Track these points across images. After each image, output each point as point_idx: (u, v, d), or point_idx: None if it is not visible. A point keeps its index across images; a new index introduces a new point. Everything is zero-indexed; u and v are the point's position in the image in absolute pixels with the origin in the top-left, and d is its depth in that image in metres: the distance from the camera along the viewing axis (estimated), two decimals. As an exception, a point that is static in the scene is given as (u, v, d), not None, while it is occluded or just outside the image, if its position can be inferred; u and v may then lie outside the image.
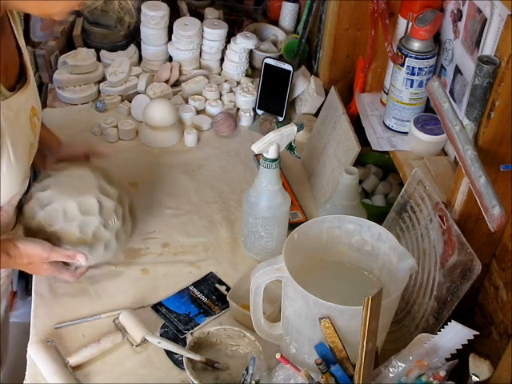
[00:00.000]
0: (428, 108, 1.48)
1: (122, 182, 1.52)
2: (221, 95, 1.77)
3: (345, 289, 1.11)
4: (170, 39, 1.82)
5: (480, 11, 1.24)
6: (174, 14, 1.85)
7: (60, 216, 1.18)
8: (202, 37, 1.81)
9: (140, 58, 1.87)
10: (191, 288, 1.29)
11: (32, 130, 1.16)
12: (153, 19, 1.77)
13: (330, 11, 1.65)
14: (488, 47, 1.22)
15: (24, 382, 1.13)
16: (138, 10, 1.80)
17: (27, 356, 1.15)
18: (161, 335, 1.20)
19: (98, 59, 1.80)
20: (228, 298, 1.23)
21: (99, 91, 1.77)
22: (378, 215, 1.33)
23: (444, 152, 1.43)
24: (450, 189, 1.18)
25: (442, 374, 0.93)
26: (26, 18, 2.03)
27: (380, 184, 1.53)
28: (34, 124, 1.17)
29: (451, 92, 1.38)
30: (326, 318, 0.96)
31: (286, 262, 1.01)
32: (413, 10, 1.41)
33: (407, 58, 1.40)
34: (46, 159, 1.29)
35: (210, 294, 1.28)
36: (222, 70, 1.86)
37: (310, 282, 1.01)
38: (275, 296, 1.19)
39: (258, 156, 1.54)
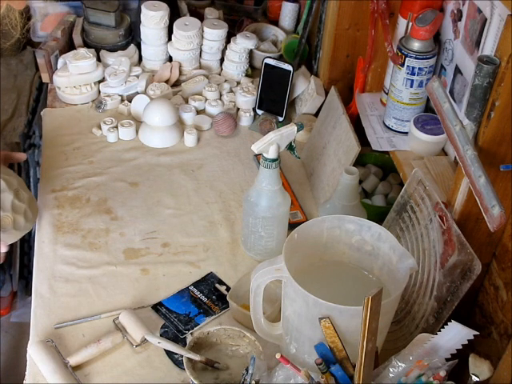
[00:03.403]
0: (428, 108, 1.48)
1: (122, 182, 1.53)
2: (221, 95, 1.77)
3: (345, 289, 1.11)
4: (170, 39, 1.82)
5: (480, 11, 1.24)
6: (174, 14, 1.85)
7: None
8: (202, 37, 1.81)
9: (140, 57, 1.87)
10: (191, 288, 1.29)
11: None
12: (153, 19, 1.77)
13: (330, 11, 1.65)
14: (488, 47, 1.22)
15: (24, 381, 1.13)
16: (138, 10, 1.81)
17: (27, 356, 1.15)
18: (161, 335, 1.20)
19: (98, 59, 1.80)
20: (228, 298, 1.23)
21: (99, 91, 1.77)
22: (377, 215, 1.33)
23: (444, 152, 1.43)
24: (450, 189, 1.18)
25: (442, 373, 0.93)
26: (27, 17, 2.03)
27: (380, 184, 1.53)
28: None
29: (451, 92, 1.38)
30: (326, 317, 0.96)
31: (286, 262, 1.01)
32: (413, 10, 1.41)
33: (407, 58, 1.40)
34: None
35: (210, 294, 1.28)
36: (221, 70, 1.86)
37: (310, 282, 1.01)
38: (275, 296, 1.19)
39: (258, 156, 1.54)
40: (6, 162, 1.37)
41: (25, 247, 2.03)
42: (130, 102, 1.72)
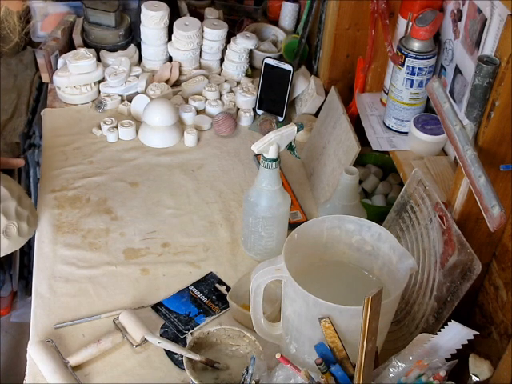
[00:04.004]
0: (428, 108, 1.48)
1: (122, 182, 1.53)
2: (221, 95, 1.77)
3: (345, 289, 1.11)
4: (170, 39, 1.82)
5: (480, 11, 1.24)
6: (174, 14, 1.85)
7: None
8: (202, 37, 1.81)
9: (140, 58, 1.87)
10: (191, 288, 1.29)
11: None
12: (153, 19, 1.77)
13: (330, 11, 1.66)
14: (488, 47, 1.22)
15: (24, 381, 1.13)
16: (138, 10, 1.81)
17: (27, 356, 1.15)
18: (161, 335, 1.20)
19: (98, 59, 1.80)
20: (228, 298, 1.23)
21: (99, 91, 1.77)
22: (377, 215, 1.33)
23: (444, 152, 1.43)
24: (450, 189, 1.18)
25: (442, 373, 0.93)
26: (25, 21, 2.03)
27: (380, 184, 1.53)
28: None
29: (451, 92, 1.38)
30: (326, 317, 0.96)
31: (286, 262, 1.01)
32: (413, 10, 1.41)
33: (407, 58, 1.40)
34: None
35: (210, 294, 1.28)
36: (221, 70, 1.86)
37: (310, 282, 1.01)
38: (275, 296, 1.19)
39: (258, 156, 1.54)
40: (2, 168, 1.37)
41: (25, 247, 2.03)
42: (130, 102, 1.72)
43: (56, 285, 1.28)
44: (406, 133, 1.48)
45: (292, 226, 1.30)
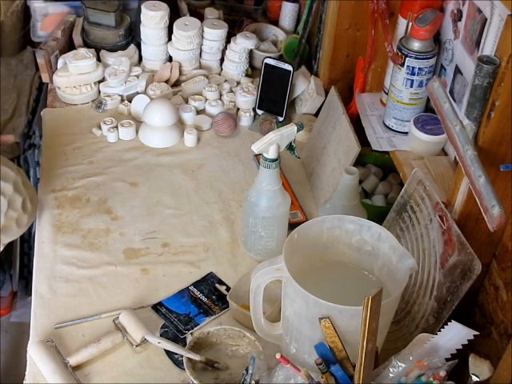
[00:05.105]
0: (428, 108, 1.48)
1: (122, 182, 1.53)
2: (221, 95, 1.77)
3: (345, 289, 1.11)
4: (170, 39, 1.82)
5: (480, 11, 1.24)
6: (174, 14, 1.85)
7: None
8: (202, 37, 1.81)
9: (140, 58, 1.87)
10: (191, 288, 1.30)
11: None
12: (153, 19, 1.77)
13: (330, 11, 1.66)
14: (488, 47, 1.22)
15: (24, 381, 1.13)
16: (138, 10, 1.81)
17: (27, 356, 1.15)
18: (161, 335, 1.20)
19: (98, 59, 1.80)
20: (228, 298, 1.23)
21: (99, 91, 1.77)
22: (377, 215, 1.33)
23: (444, 152, 1.43)
24: (450, 189, 1.18)
25: (442, 373, 0.93)
26: (27, 18, 2.03)
27: (380, 184, 1.53)
28: None
29: (451, 92, 1.38)
30: (326, 317, 0.96)
31: (286, 262, 1.01)
32: (413, 10, 1.42)
33: (407, 58, 1.40)
34: None
35: (210, 294, 1.28)
36: (221, 70, 1.86)
37: (310, 282, 1.01)
38: (275, 296, 1.19)
39: (258, 156, 1.54)
40: None
41: (25, 247, 2.03)
42: (130, 102, 1.72)
43: (56, 285, 1.28)
44: (406, 133, 1.48)
45: (292, 225, 1.30)
